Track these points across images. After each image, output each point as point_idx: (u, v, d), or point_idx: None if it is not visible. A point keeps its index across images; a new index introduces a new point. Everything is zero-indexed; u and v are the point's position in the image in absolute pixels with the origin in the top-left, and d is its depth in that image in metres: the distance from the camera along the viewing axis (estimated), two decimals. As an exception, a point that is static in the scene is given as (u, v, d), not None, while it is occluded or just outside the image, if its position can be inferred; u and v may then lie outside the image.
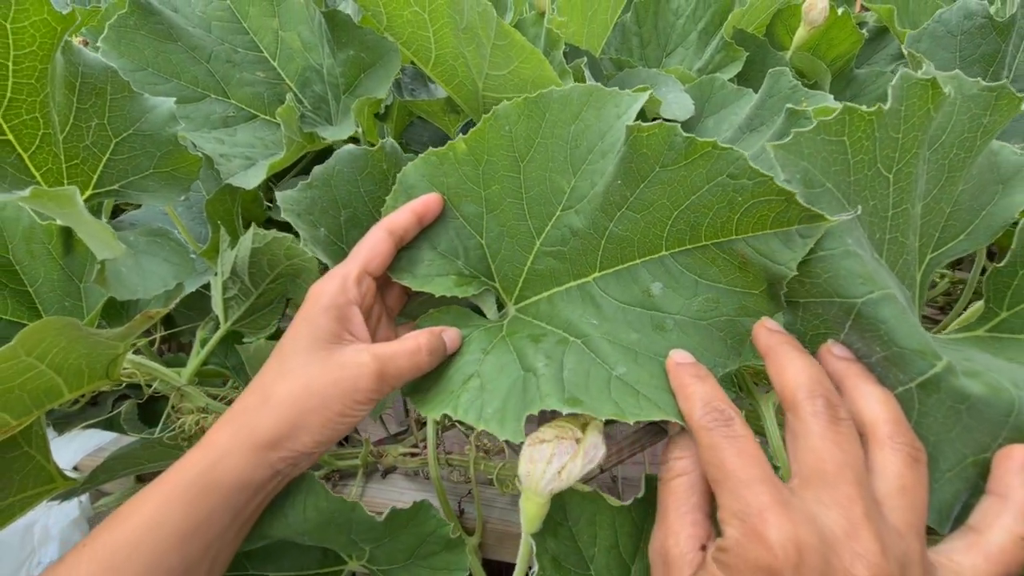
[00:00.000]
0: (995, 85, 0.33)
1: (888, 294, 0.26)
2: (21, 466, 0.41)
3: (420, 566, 0.45)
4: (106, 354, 0.40)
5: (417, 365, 0.35)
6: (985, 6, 0.50)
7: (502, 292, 0.42)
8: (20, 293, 0.42)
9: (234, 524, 0.34)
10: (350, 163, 0.42)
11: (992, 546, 0.24)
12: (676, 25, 0.88)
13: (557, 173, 0.38)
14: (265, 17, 0.59)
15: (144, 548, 0.31)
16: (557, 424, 0.31)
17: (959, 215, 0.36)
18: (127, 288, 0.38)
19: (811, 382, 0.26)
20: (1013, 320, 0.32)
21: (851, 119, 0.29)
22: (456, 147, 0.40)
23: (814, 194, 0.29)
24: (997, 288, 0.33)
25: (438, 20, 0.50)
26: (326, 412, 0.33)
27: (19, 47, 0.33)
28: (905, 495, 0.24)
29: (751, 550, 0.23)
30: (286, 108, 0.48)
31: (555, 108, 0.38)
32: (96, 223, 0.33)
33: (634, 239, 0.36)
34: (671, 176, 0.32)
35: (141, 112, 0.43)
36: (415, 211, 0.38)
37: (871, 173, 0.31)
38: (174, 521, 0.32)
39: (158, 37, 0.53)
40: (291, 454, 0.34)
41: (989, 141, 0.35)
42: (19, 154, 0.36)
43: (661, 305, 0.35)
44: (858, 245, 0.28)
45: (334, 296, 0.35)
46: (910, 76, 0.30)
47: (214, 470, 0.33)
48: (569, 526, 0.35)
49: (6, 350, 0.31)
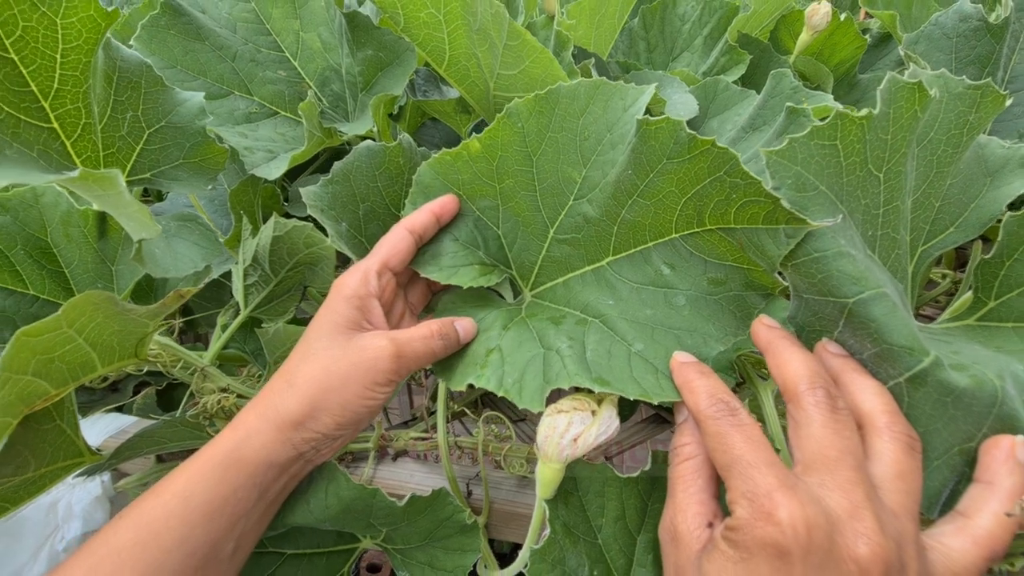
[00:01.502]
0: (980, 84, 0.35)
1: (879, 293, 0.27)
2: (53, 439, 0.44)
3: (435, 547, 0.46)
4: (137, 332, 0.42)
5: (431, 350, 0.37)
6: (979, 9, 0.52)
7: (518, 279, 0.44)
8: (56, 274, 0.44)
9: (259, 504, 0.36)
10: (368, 158, 0.44)
11: (980, 530, 0.25)
12: (682, 30, 0.90)
13: (568, 165, 0.40)
14: (287, 19, 0.62)
15: (174, 521, 0.33)
16: (574, 397, 0.33)
17: (948, 208, 0.38)
18: (160, 267, 0.40)
19: (811, 374, 0.28)
20: (1000, 309, 0.34)
21: (843, 124, 0.31)
22: (470, 146, 0.42)
23: (807, 197, 0.31)
24: (985, 278, 0.35)
25: (453, 21, 0.53)
26: (346, 393, 0.35)
27: (67, 41, 0.36)
28: (902, 480, 0.26)
29: (761, 528, 0.24)
30: (308, 104, 0.51)
31: (564, 103, 0.40)
32: (135, 203, 0.35)
33: (646, 224, 0.37)
34: (677, 167, 0.34)
35: (173, 105, 0.45)
36: (433, 211, 0.41)
37: (862, 174, 0.32)
38: (202, 495, 0.34)
39: (187, 37, 0.56)
40: (313, 435, 0.35)
41: (975, 137, 0.37)
42: (63, 141, 0.39)
43: (673, 283, 0.37)
44: (851, 245, 0.29)
45: (355, 288, 0.38)
46: (897, 80, 0.31)
47: (240, 448, 0.35)
48: (579, 496, 0.36)
49: (50, 320, 0.33)
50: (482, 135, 0.41)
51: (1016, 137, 0.53)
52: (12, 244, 0.42)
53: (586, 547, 0.35)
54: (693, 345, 0.34)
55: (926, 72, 0.35)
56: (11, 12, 0.33)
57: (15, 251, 0.42)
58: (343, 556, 0.47)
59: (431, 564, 0.46)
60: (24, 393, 0.35)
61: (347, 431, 0.37)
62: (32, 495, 0.45)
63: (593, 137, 0.39)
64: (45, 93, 0.37)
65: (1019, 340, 0.32)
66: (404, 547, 0.47)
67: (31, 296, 0.44)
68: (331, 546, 0.48)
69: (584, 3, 0.69)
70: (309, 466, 0.38)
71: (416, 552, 0.47)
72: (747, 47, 0.80)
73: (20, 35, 0.34)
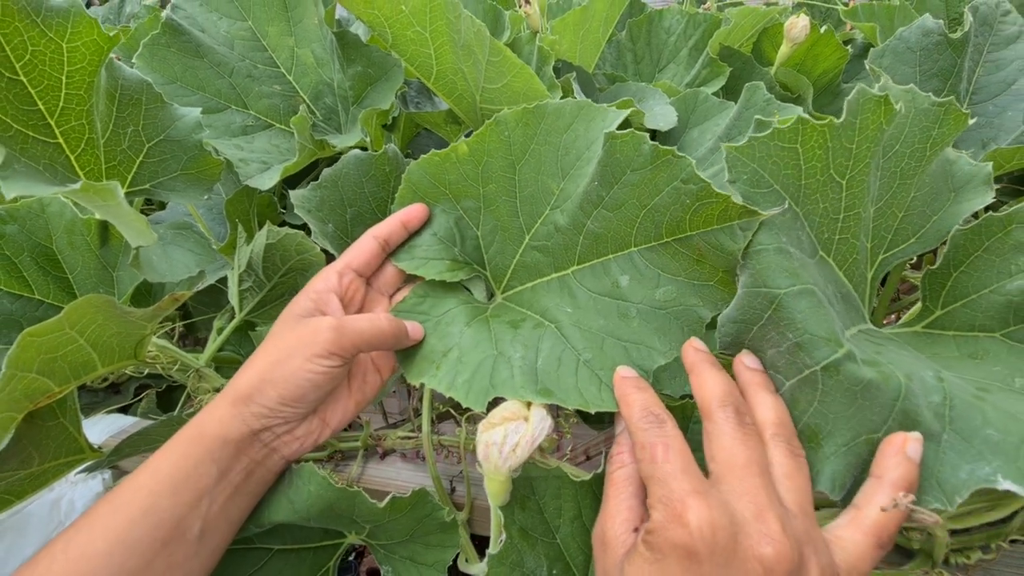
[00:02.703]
0: (944, 101, 0.37)
1: (807, 288, 0.30)
2: (56, 435, 0.46)
3: (416, 543, 0.48)
4: (135, 334, 0.45)
5: (378, 328, 0.38)
6: (940, 25, 0.54)
7: (492, 281, 0.46)
8: (60, 280, 0.47)
9: (222, 484, 0.37)
10: (356, 166, 0.47)
11: (868, 520, 0.27)
12: (668, 42, 0.93)
13: (548, 176, 0.43)
14: (283, 36, 0.65)
15: (143, 491, 0.35)
16: (504, 407, 0.34)
17: (911, 219, 0.39)
18: (157, 272, 0.43)
19: (723, 394, 0.31)
20: (945, 318, 0.35)
21: (804, 129, 0.33)
22: (458, 149, 0.44)
23: (760, 193, 0.33)
24: (933, 288, 0.37)
25: (438, 38, 0.56)
26: (290, 365, 0.37)
27: (72, 63, 0.39)
28: (790, 480, 0.29)
29: (672, 530, 0.27)
30: (299, 118, 0.53)
31: (549, 119, 0.42)
32: (133, 213, 0.37)
33: (608, 236, 0.40)
34: (639, 179, 0.37)
35: (171, 120, 0.48)
36: (400, 219, 0.44)
37: (823, 178, 0.34)
38: (167, 468, 0.36)
39: (186, 54, 0.59)
40: (261, 408, 0.37)
41: (939, 152, 0.38)
42: (67, 155, 0.41)
43: (627, 295, 0.39)
44: (791, 244, 0.31)
45: (315, 284, 0.42)
46: (865, 92, 0.33)
47: (200, 422, 0.38)
48: (536, 499, 0.38)
49: (53, 322, 0.36)
50: (471, 139, 0.44)
51: (979, 146, 0.55)
52: (19, 251, 0.44)
53: (544, 547, 0.37)
54: (639, 358, 0.36)
55: (895, 86, 0.37)
56: (21, 38, 0.36)
57: (22, 258, 0.45)
58: (329, 551, 0.49)
59: (412, 559, 0.48)
60: (29, 390, 0.37)
61: (293, 407, 0.38)
62: (35, 489, 0.47)
63: (574, 153, 0.42)
64: (51, 111, 0.39)
65: (956, 348, 0.34)
66: (387, 542, 0.49)
67: (36, 300, 0.46)
68: (317, 541, 0.50)
69: (568, 18, 0.72)
70: (274, 456, 0.40)
71: (398, 547, 0.49)
72: (729, 59, 0.82)
73: (29, 59, 0.37)
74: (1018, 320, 0.33)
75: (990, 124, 0.56)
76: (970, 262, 0.35)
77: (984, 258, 0.35)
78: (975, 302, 0.34)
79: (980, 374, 0.31)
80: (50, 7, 0.36)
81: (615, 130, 0.38)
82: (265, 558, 0.46)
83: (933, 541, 0.41)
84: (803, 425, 0.29)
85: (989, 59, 0.57)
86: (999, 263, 0.34)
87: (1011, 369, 0.31)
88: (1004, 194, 0.77)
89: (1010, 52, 0.56)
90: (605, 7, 0.73)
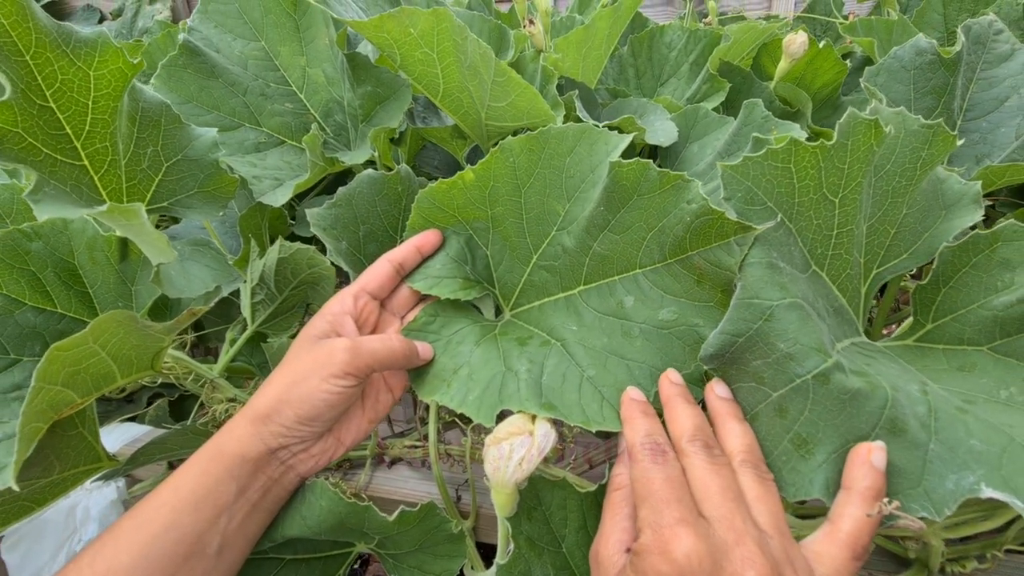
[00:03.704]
0: (932, 123, 0.38)
1: (796, 302, 0.31)
2: (76, 444, 0.48)
3: (424, 553, 0.49)
4: (153, 346, 0.47)
5: (390, 349, 0.40)
6: (933, 44, 0.56)
7: (501, 299, 0.48)
8: (82, 294, 0.49)
9: (240, 501, 0.39)
10: (369, 185, 0.49)
11: (842, 533, 0.28)
12: (669, 57, 0.95)
13: (553, 199, 0.44)
14: (294, 56, 0.67)
15: (166, 508, 0.36)
16: (509, 421, 0.36)
17: (903, 236, 0.41)
18: (176, 288, 0.44)
19: (694, 428, 0.32)
20: (935, 332, 0.37)
21: (796, 150, 0.34)
22: (464, 176, 0.46)
23: (753, 211, 0.35)
24: (924, 303, 0.38)
25: (445, 59, 0.58)
26: (306, 386, 0.39)
27: (98, 89, 0.41)
28: (762, 503, 0.30)
29: (658, 560, 0.28)
30: (311, 136, 0.55)
31: (553, 143, 0.44)
32: (155, 232, 0.39)
33: (614, 258, 0.41)
34: (647, 203, 0.38)
35: (188, 140, 0.50)
36: (415, 244, 0.45)
37: (816, 197, 0.36)
38: (188, 485, 0.37)
39: (202, 75, 0.61)
40: (279, 427, 0.39)
41: (929, 171, 0.40)
42: (91, 176, 0.43)
43: (631, 315, 0.40)
44: (781, 259, 0.33)
45: (332, 307, 0.43)
46: (856, 115, 0.35)
47: (220, 441, 0.39)
48: (543, 510, 0.39)
49: (78, 336, 0.38)
50: (476, 167, 0.45)
51: (974, 162, 0.57)
52: (43, 267, 0.46)
53: (551, 557, 0.38)
54: (641, 376, 0.37)
55: (886, 109, 0.39)
56: (52, 68, 0.38)
57: (46, 273, 0.47)
58: (339, 560, 0.50)
59: (420, 568, 0.49)
60: (54, 401, 0.39)
61: (309, 426, 0.39)
62: (55, 496, 0.49)
63: (578, 175, 0.43)
64: (78, 135, 0.41)
65: (946, 361, 0.35)
66: (396, 552, 0.50)
67: (59, 314, 0.48)
68: (328, 551, 0.52)
69: (571, 37, 0.74)
70: (290, 473, 0.41)
71: (406, 557, 0.50)
72: (729, 75, 0.84)
73: (59, 86, 0.39)
74: (1004, 334, 0.34)
75: (984, 140, 0.57)
76: (958, 278, 0.36)
77: (972, 274, 0.36)
78: (964, 316, 0.36)
79: (967, 386, 0.32)
80: (79, 38, 0.39)
81: (619, 159, 0.39)
82: (278, 567, 0.48)
83: (929, 550, 0.42)
84: (793, 434, 0.30)
85: (982, 77, 0.58)
86: (986, 279, 0.35)
87: (997, 381, 0.32)
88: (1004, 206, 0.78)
89: (1003, 70, 0.57)
90: (607, 25, 0.75)
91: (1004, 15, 0.90)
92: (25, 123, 0.38)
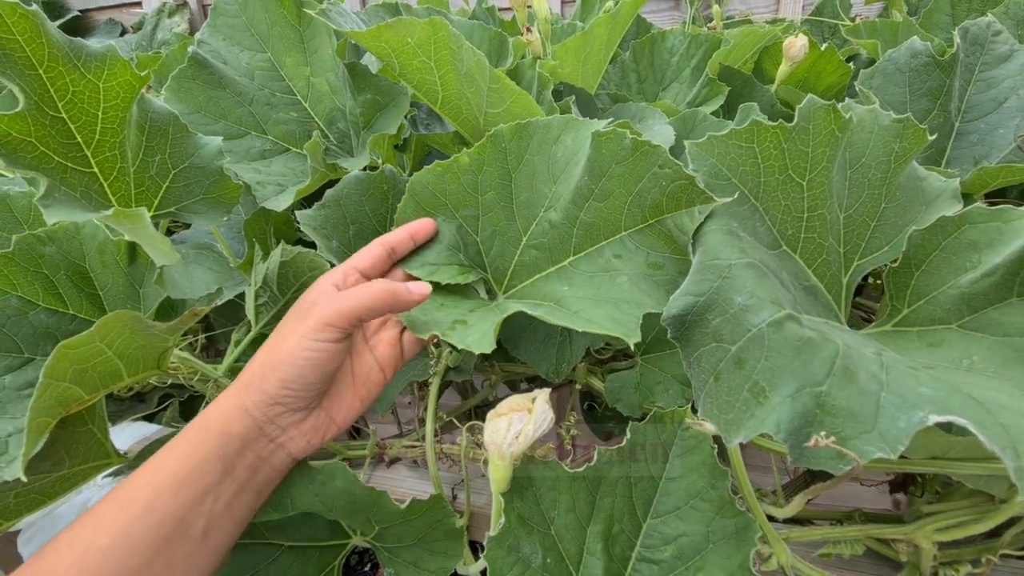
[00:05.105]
0: (902, 117, 0.39)
1: (753, 263, 0.33)
2: (85, 440, 0.50)
3: (422, 548, 0.51)
4: (158, 346, 0.48)
5: (373, 295, 0.39)
6: (928, 47, 0.56)
7: (494, 283, 0.50)
8: (92, 296, 0.51)
9: (227, 481, 0.37)
10: (356, 186, 0.51)
11: None
12: (671, 62, 0.95)
13: (541, 182, 0.47)
14: (299, 66, 0.69)
15: (147, 489, 0.35)
16: (510, 400, 0.37)
17: (884, 228, 0.42)
18: (179, 289, 0.46)
19: None
20: (911, 316, 0.37)
21: (759, 130, 0.37)
22: (460, 159, 0.48)
23: (719, 184, 0.37)
24: (898, 288, 0.38)
25: (443, 67, 0.59)
26: (286, 347, 0.38)
27: (107, 101, 0.43)
28: None
29: None
30: (312, 143, 0.57)
31: (540, 132, 0.47)
32: (158, 236, 0.41)
33: (600, 224, 0.44)
34: (624, 170, 0.41)
35: (195, 148, 0.52)
36: (409, 231, 0.46)
37: (782, 177, 0.38)
38: (170, 466, 0.36)
39: (210, 85, 0.64)
40: (263, 395, 0.38)
41: (903, 165, 0.40)
42: (101, 183, 0.45)
43: (618, 267, 0.43)
44: (742, 230, 0.35)
45: (321, 282, 0.43)
46: (815, 100, 0.37)
47: (204, 417, 0.39)
48: (534, 491, 0.40)
49: (85, 335, 0.39)
50: (471, 150, 0.48)
51: (972, 163, 0.56)
52: (56, 270, 0.48)
53: (540, 536, 0.39)
54: (628, 309, 0.39)
55: (859, 107, 0.40)
56: (63, 81, 0.40)
57: (59, 276, 0.49)
58: (335, 550, 0.51)
59: (416, 564, 0.50)
60: (62, 397, 0.41)
61: (294, 391, 0.38)
62: (65, 491, 0.51)
63: (563, 160, 0.46)
64: (88, 143, 0.44)
65: (919, 342, 0.35)
66: (394, 546, 0.51)
67: (70, 315, 0.50)
68: (325, 540, 0.53)
69: (569, 44, 0.75)
70: (280, 452, 0.40)
71: (403, 551, 0.51)
72: (729, 79, 0.84)
73: (70, 98, 0.41)
74: (971, 311, 0.35)
75: (982, 142, 0.56)
76: (930, 261, 0.37)
77: (942, 257, 0.37)
78: (936, 298, 0.36)
79: (934, 358, 0.33)
80: (90, 52, 0.41)
81: (600, 129, 0.43)
82: (276, 553, 0.49)
83: (920, 553, 0.41)
84: (752, 382, 0.31)
85: (981, 78, 0.58)
86: (955, 261, 0.36)
87: (963, 353, 0.33)
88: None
89: (1001, 71, 0.57)
90: (605, 32, 0.76)
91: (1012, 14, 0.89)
92: (38, 132, 0.41)
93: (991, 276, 0.33)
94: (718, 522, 0.37)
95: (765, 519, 0.42)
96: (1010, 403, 0.27)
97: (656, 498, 0.39)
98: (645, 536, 0.39)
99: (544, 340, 0.67)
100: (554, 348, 0.65)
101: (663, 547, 0.38)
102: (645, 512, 0.40)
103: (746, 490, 0.43)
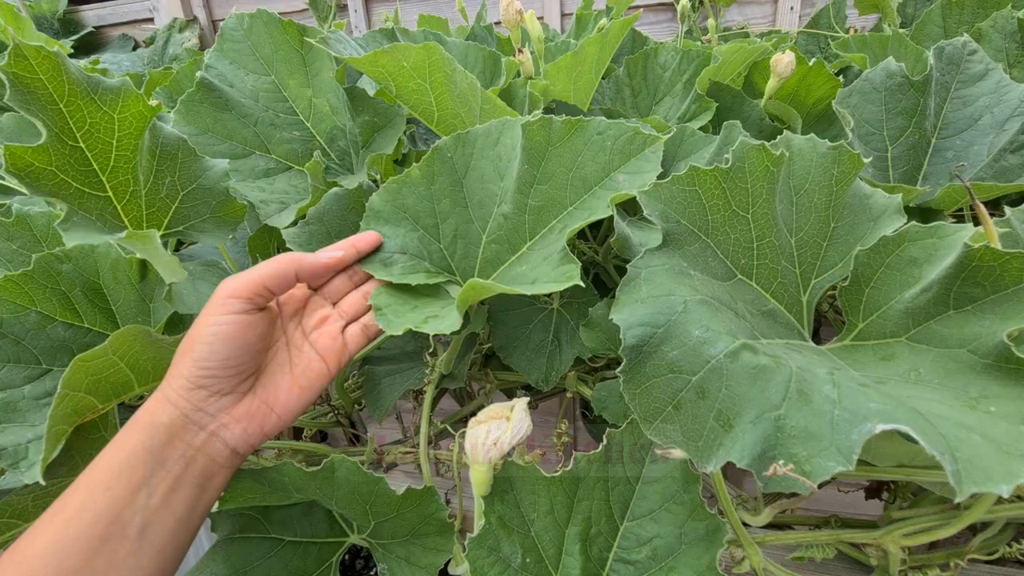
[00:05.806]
0: (836, 144, 0.42)
1: (706, 300, 0.35)
2: (99, 447, 0.52)
3: (414, 544, 0.53)
4: (167, 358, 0.51)
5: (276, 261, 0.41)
6: (902, 67, 0.58)
7: (462, 283, 0.52)
8: (106, 311, 0.54)
9: (160, 474, 0.36)
10: (337, 202, 0.54)
11: None
12: (664, 77, 0.98)
13: (490, 182, 0.51)
14: (302, 88, 0.72)
15: (80, 489, 0.35)
16: (490, 408, 0.39)
17: (836, 247, 0.44)
18: (186, 304, 0.49)
19: None
20: (866, 330, 0.39)
21: (698, 174, 0.39)
22: (411, 173, 0.52)
23: (669, 227, 0.39)
24: (852, 304, 0.40)
25: (437, 89, 0.62)
26: (194, 329, 0.39)
27: (121, 130, 0.46)
28: None
29: None
30: (313, 163, 0.60)
31: (481, 138, 0.51)
32: (167, 255, 0.44)
33: (548, 206, 0.47)
34: (561, 150, 0.46)
35: (202, 171, 0.55)
36: (354, 243, 0.48)
37: (728, 214, 0.40)
38: (102, 464, 0.36)
39: (217, 108, 0.67)
40: (182, 381, 0.38)
41: (846, 187, 0.43)
42: (115, 206, 0.48)
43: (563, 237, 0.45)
44: (691, 268, 0.37)
45: None
46: (746, 143, 0.39)
47: (134, 415, 0.39)
48: (514, 494, 0.42)
49: (99, 350, 0.42)
50: (420, 163, 0.51)
51: (948, 179, 0.58)
52: (72, 286, 0.52)
53: (520, 538, 0.41)
54: None
55: (797, 136, 0.43)
56: (81, 113, 0.43)
57: (74, 292, 0.52)
58: (334, 546, 0.54)
59: (408, 559, 0.53)
60: (78, 406, 0.44)
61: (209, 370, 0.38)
62: (80, 494, 0.54)
63: (505, 158, 0.50)
64: (103, 169, 0.47)
65: (874, 355, 0.37)
66: (387, 541, 0.54)
67: (85, 328, 0.53)
68: (324, 537, 0.56)
69: (561, 63, 0.78)
70: (215, 442, 0.39)
71: (396, 547, 0.53)
72: (718, 94, 0.86)
73: (87, 129, 0.44)
74: (916, 324, 0.37)
75: (958, 158, 0.58)
76: (877, 277, 0.39)
77: (888, 273, 0.39)
78: (886, 313, 0.38)
79: (886, 371, 0.35)
80: (105, 86, 0.44)
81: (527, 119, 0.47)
82: (277, 547, 0.52)
83: (888, 558, 0.43)
84: (716, 411, 0.32)
85: (956, 96, 0.60)
86: (900, 276, 0.38)
87: (911, 365, 0.35)
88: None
89: (976, 89, 0.59)
90: (596, 51, 0.79)
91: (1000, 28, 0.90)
92: (58, 162, 0.44)
93: (929, 291, 0.35)
94: (690, 525, 0.39)
95: (740, 524, 0.44)
96: (949, 414, 0.29)
97: (633, 501, 0.42)
98: (622, 538, 0.41)
99: (535, 349, 0.69)
100: (544, 357, 0.67)
101: (639, 548, 0.40)
102: (622, 515, 0.42)
103: (723, 496, 0.45)
